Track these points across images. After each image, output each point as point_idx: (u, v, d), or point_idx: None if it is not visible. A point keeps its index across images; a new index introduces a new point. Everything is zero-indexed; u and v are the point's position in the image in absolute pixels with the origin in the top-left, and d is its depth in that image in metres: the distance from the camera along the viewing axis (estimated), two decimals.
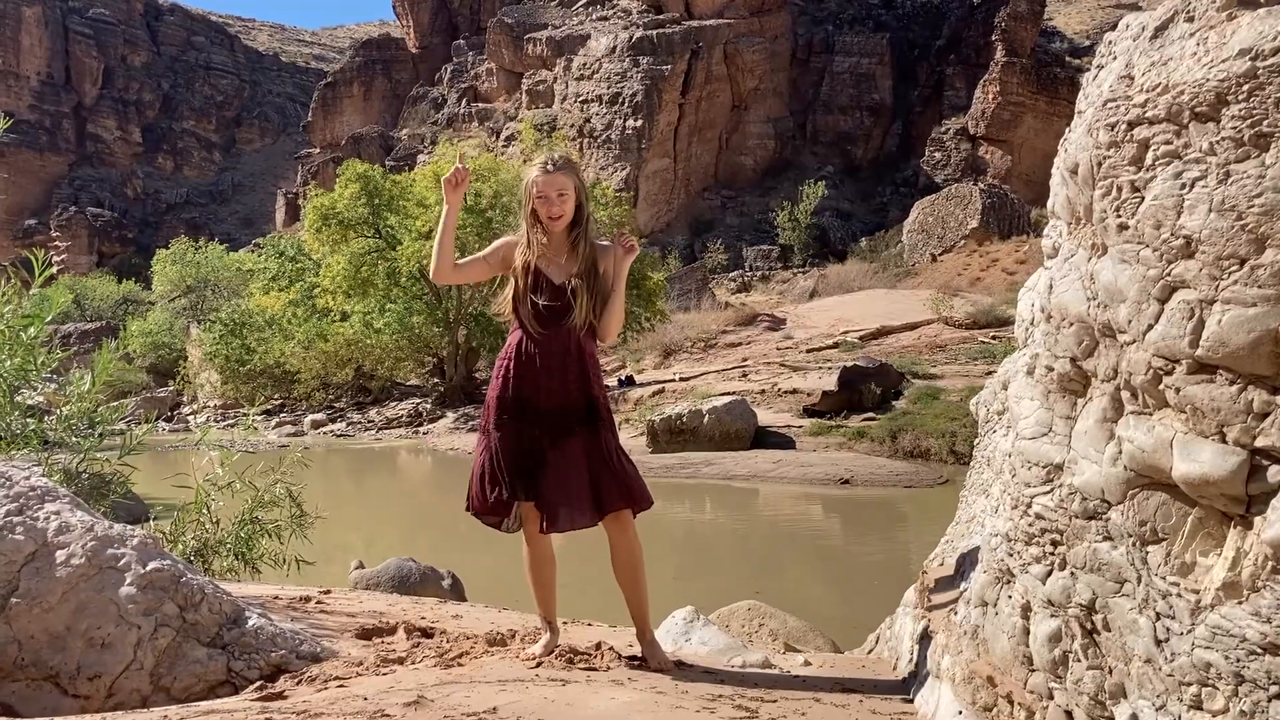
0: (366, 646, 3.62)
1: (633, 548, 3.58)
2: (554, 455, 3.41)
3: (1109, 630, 2.04)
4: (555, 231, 3.55)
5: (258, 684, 3.11)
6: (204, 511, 6.26)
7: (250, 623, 3.34)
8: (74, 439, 5.82)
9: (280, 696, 2.91)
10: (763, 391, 22.76)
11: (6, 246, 69.98)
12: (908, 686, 3.25)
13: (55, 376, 6.23)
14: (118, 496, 6.06)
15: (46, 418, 5.98)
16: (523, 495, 3.44)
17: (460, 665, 3.29)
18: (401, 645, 3.62)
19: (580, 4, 62.54)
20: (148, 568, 3.23)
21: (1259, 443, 1.70)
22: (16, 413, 5.58)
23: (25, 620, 3.02)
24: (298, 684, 3.06)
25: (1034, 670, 2.30)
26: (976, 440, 4.08)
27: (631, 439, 21.29)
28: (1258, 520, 1.72)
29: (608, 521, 3.52)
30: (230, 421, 29.60)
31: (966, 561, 3.14)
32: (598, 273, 3.56)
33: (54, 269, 5.83)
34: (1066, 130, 2.29)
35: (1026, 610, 2.34)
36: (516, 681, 3.05)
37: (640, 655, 3.50)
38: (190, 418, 34.78)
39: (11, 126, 5.91)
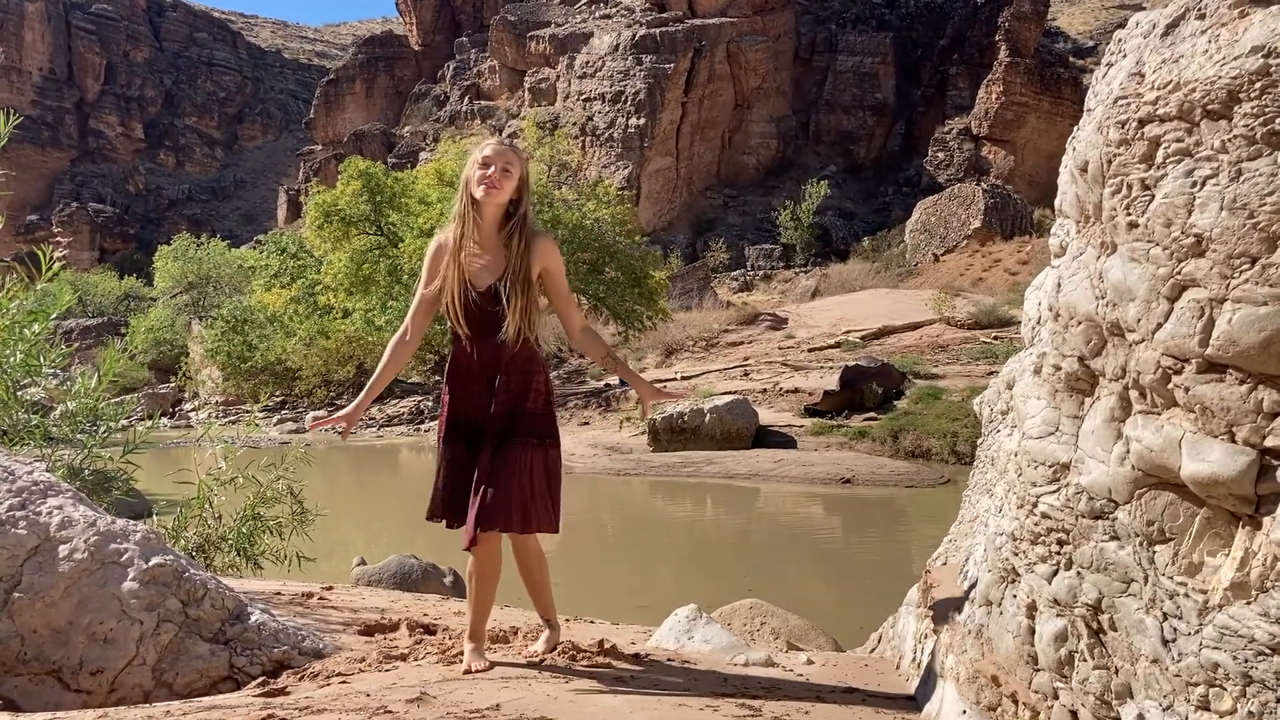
0: (369, 643, 3.62)
1: (530, 560, 3.40)
2: (489, 465, 3.16)
3: (1115, 630, 2.03)
4: (486, 209, 3.19)
5: (260, 680, 3.10)
6: (206, 507, 6.27)
7: (253, 619, 3.34)
8: (77, 435, 5.83)
9: (283, 692, 2.91)
10: (764, 391, 22.76)
11: (8, 242, 69.98)
12: (911, 686, 3.25)
13: (58, 372, 6.22)
14: (120, 492, 6.06)
15: (50, 414, 5.98)
16: (453, 518, 3.23)
17: (463, 662, 3.29)
18: (404, 642, 3.62)
19: (583, 2, 62.49)
20: (150, 563, 3.23)
21: (1269, 443, 1.70)
22: (20, 408, 5.58)
23: (28, 615, 3.02)
24: (300, 680, 3.06)
25: (1039, 670, 2.29)
26: (979, 440, 4.07)
27: (633, 438, 21.30)
28: (1267, 520, 1.71)
29: (513, 539, 3.32)
30: (232, 418, 29.59)
31: (970, 561, 3.13)
32: (529, 276, 3.21)
33: (58, 265, 5.82)
34: (1074, 129, 2.28)
35: (1032, 610, 2.33)
36: (519, 679, 3.04)
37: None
38: (192, 414, 34.81)
39: (16, 123, 5.90)
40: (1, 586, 3.04)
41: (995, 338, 25.49)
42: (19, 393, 5.55)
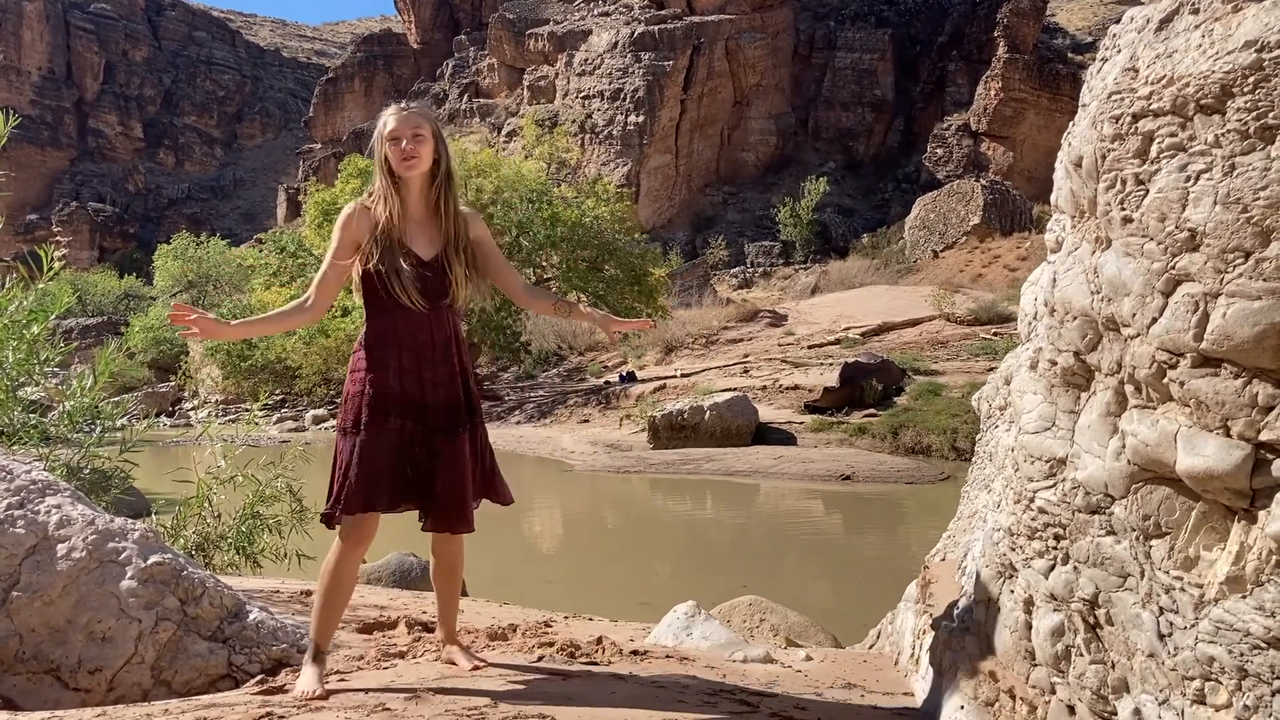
0: (368, 641, 3.62)
1: (461, 551, 3.23)
2: (443, 455, 2.98)
3: (1112, 625, 2.03)
4: (412, 182, 3.04)
5: (259, 678, 3.10)
6: (205, 506, 6.27)
7: (251, 617, 3.34)
8: (76, 434, 5.83)
9: (281, 690, 2.91)
10: (764, 388, 22.76)
11: (8, 242, 69.98)
12: (909, 682, 3.25)
13: (57, 372, 6.23)
14: (119, 491, 6.07)
15: (49, 413, 5.98)
16: (388, 505, 2.97)
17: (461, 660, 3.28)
18: (402, 639, 3.62)
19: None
20: (149, 561, 3.23)
21: (1263, 436, 1.70)
22: (19, 408, 5.59)
23: (26, 613, 3.02)
24: (299, 678, 3.06)
25: (1036, 665, 2.29)
26: (978, 436, 4.07)
27: (633, 435, 21.30)
28: (1262, 514, 1.71)
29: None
30: (232, 417, 29.60)
31: (968, 557, 3.13)
32: (469, 240, 3.08)
33: (59, 265, 5.82)
34: (1070, 124, 2.28)
35: (1029, 605, 2.33)
36: (517, 676, 3.04)
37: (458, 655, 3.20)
38: (192, 413, 34.79)
39: (15, 123, 5.90)
40: (0, 586, 3.04)
41: (995, 334, 25.50)
42: (18, 392, 5.55)
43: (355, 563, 3.03)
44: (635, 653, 3.51)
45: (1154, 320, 1.86)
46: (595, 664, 3.32)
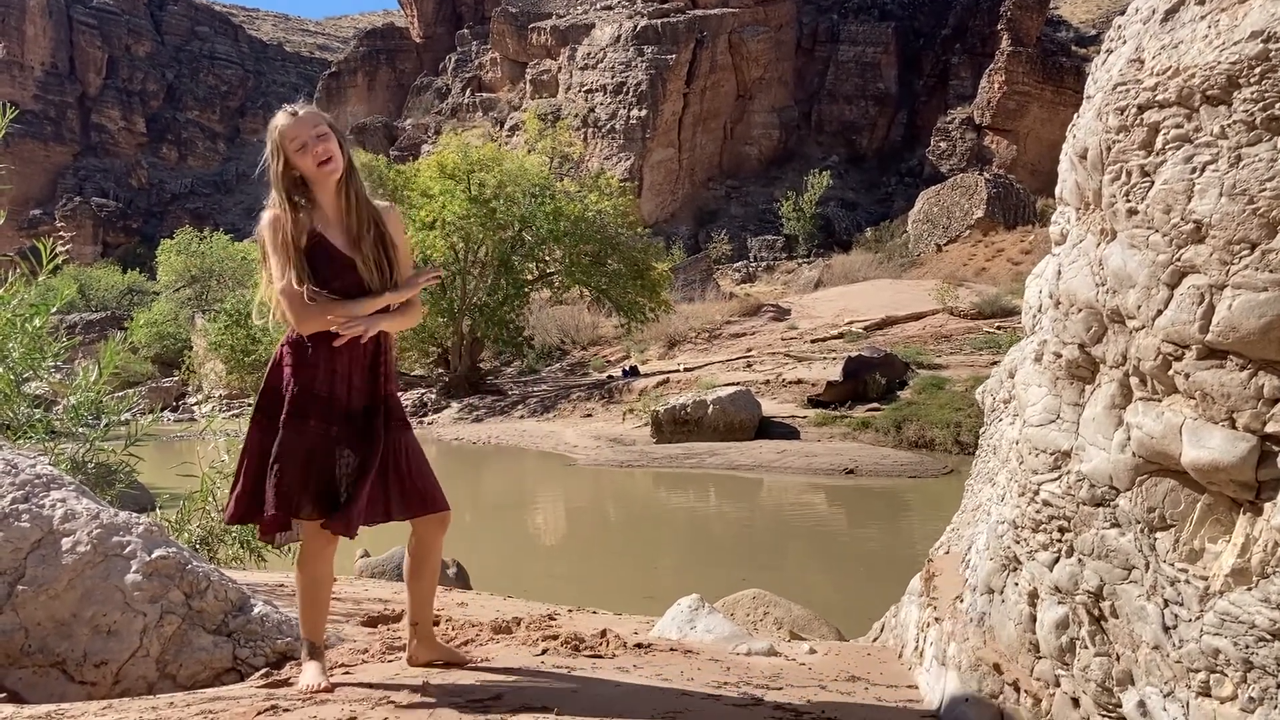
0: (372, 634, 3.63)
1: (439, 552, 3.11)
2: (359, 458, 2.84)
3: (1116, 617, 2.03)
4: (328, 185, 2.88)
5: (263, 671, 3.11)
6: (209, 500, 6.28)
7: (256, 610, 3.34)
8: (80, 429, 5.84)
9: (286, 683, 2.92)
10: (767, 382, 22.76)
11: (11, 236, 70.03)
12: (913, 674, 3.25)
13: (61, 366, 6.24)
14: (124, 485, 6.07)
15: (53, 408, 5.99)
16: (313, 510, 2.81)
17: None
18: (407, 633, 3.62)
19: None
20: (153, 555, 3.23)
21: (1269, 429, 1.69)
22: (24, 402, 5.59)
23: (32, 607, 3.03)
24: (301, 674, 3.06)
25: (1041, 657, 2.29)
26: (982, 429, 4.07)
27: (636, 429, 21.31)
28: (1267, 506, 1.71)
29: (430, 523, 3.00)
30: (235, 411, 29.62)
31: (972, 549, 3.13)
32: (386, 237, 2.93)
33: (61, 259, 5.82)
34: (1075, 116, 2.27)
35: (1033, 597, 2.33)
36: (521, 668, 3.05)
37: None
38: (195, 408, 34.87)
39: (16, 117, 5.90)
40: (5, 579, 3.05)
41: (998, 327, 25.48)
42: (22, 387, 5.56)
43: (325, 558, 2.90)
44: (639, 646, 3.51)
45: (1159, 312, 1.85)
46: (599, 657, 3.32)
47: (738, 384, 21.44)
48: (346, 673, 3.01)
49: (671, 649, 3.59)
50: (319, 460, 2.80)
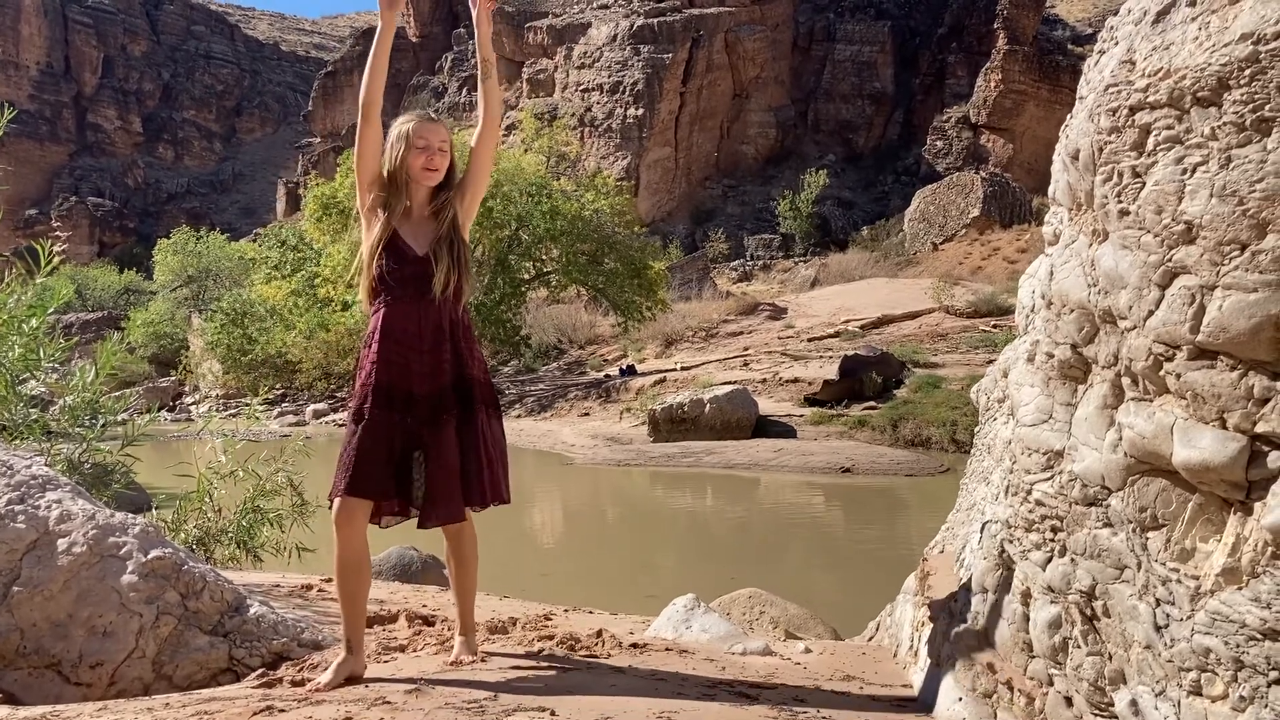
0: (367, 635, 3.63)
1: (474, 543, 3.24)
2: (431, 446, 2.99)
3: (1109, 616, 2.04)
4: (424, 189, 3.13)
5: (260, 671, 3.11)
6: (206, 500, 6.28)
7: (252, 611, 3.34)
8: (77, 429, 5.83)
9: (282, 683, 2.92)
10: (764, 381, 22.78)
11: (7, 236, 69.92)
12: (908, 674, 3.26)
13: (58, 367, 6.23)
14: (120, 486, 6.07)
15: (49, 408, 5.99)
16: (378, 493, 2.97)
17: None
18: (403, 633, 3.63)
19: None
20: (149, 556, 3.23)
21: (1259, 429, 1.70)
22: (20, 403, 5.59)
23: (27, 608, 3.03)
24: (300, 671, 3.07)
25: (1034, 657, 2.30)
26: (977, 428, 4.07)
27: (633, 428, 21.32)
28: (1258, 506, 1.72)
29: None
30: (232, 411, 29.61)
31: (967, 549, 3.14)
32: (462, 241, 3.15)
33: (57, 259, 5.82)
34: (1068, 117, 2.28)
35: (1027, 597, 2.34)
36: (517, 669, 3.05)
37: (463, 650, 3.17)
38: (192, 407, 34.86)
39: (11, 116, 5.90)
40: (1, 581, 3.05)
41: (994, 326, 25.51)
42: (18, 387, 5.55)
43: (353, 547, 2.97)
44: (635, 645, 3.52)
45: (1150, 313, 1.86)
46: (595, 657, 3.32)
47: (734, 383, 21.44)
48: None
49: (667, 649, 3.60)
50: (393, 445, 2.98)
